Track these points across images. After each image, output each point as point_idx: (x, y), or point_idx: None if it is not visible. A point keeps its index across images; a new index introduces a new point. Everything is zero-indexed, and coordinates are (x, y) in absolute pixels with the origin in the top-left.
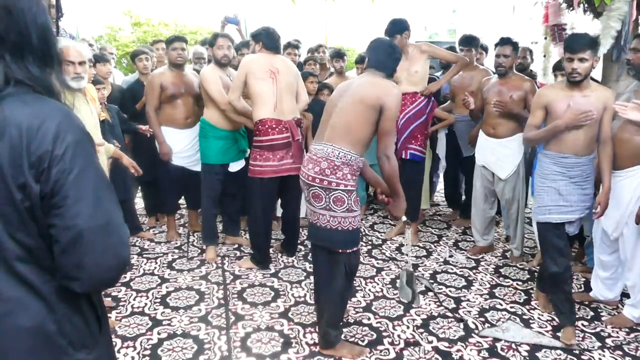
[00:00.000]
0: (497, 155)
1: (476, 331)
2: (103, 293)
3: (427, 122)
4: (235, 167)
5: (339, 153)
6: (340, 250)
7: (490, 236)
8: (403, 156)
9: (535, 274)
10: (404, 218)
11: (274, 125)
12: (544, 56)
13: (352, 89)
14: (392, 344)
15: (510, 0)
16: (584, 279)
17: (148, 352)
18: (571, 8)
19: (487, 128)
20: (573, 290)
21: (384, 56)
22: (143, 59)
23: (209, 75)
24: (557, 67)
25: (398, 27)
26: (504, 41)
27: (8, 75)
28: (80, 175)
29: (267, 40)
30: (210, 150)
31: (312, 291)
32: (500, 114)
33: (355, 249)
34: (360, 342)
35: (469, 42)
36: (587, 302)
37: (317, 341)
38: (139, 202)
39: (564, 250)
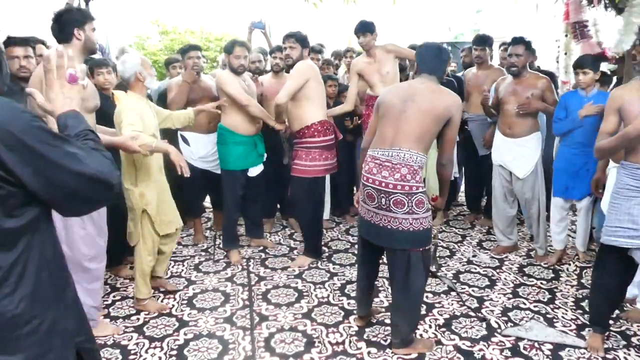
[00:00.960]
0: (514, 154)
1: (499, 330)
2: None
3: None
4: (254, 171)
5: (417, 158)
6: (421, 249)
7: (513, 235)
8: None
9: (560, 272)
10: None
11: (328, 127)
12: (565, 54)
13: (418, 96)
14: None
15: None
16: (552, 268)
17: (175, 352)
18: (592, 5)
19: (503, 128)
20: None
21: (435, 60)
22: (177, 67)
23: (226, 77)
24: (578, 65)
25: (367, 27)
26: (516, 40)
27: None
28: (37, 148)
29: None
30: (229, 156)
31: (335, 292)
32: (517, 113)
33: (428, 247)
34: (382, 342)
35: (482, 41)
36: None
37: (339, 341)
38: None
39: (622, 274)
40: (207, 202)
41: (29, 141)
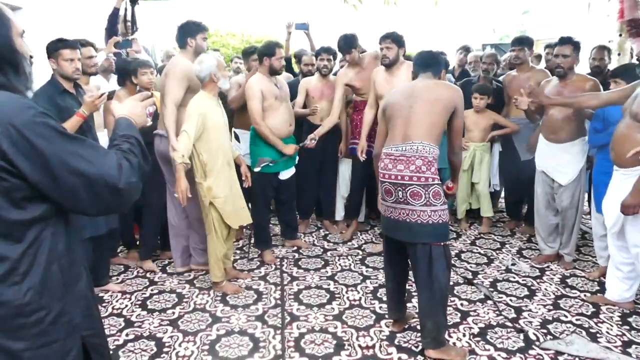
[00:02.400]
0: (557, 160)
1: (537, 343)
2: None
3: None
4: (286, 174)
5: (430, 150)
6: (442, 243)
7: (556, 244)
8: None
9: (605, 285)
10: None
11: None
12: (619, 54)
13: (422, 91)
14: None
15: None
16: (597, 281)
17: (207, 347)
18: None
19: (547, 133)
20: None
21: (430, 60)
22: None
23: (252, 92)
24: (612, 75)
25: (351, 42)
26: (564, 40)
27: None
28: (40, 145)
29: None
30: (261, 158)
31: (368, 295)
32: (562, 117)
33: (448, 242)
34: (414, 348)
35: (520, 41)
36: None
37: (369, 345)
38: None
39: None
40: None
41: (30, 136)
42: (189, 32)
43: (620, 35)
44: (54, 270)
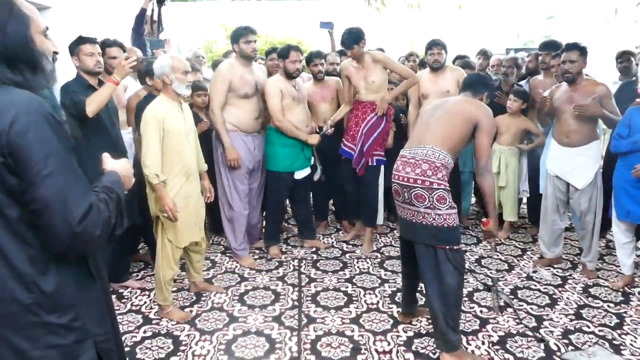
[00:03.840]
0: (572, 164)
1: (558, 353)
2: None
3: (387, 129)
4: (301, 174)
5: (439, 155)
6: (447, 247)
7: (558, 248)
8: (370, 163)
9: (630, 295)
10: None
11: None
12: None
13: (447, 104)
14: None
15: (612, 3)
16: (621, 291)
17: (223, 346)
18: None
19: (560, 137)
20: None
21: (474, 82)
22: None
23: (271, 89)
24: None
25: (355, 36)
26: (570, 46)
27: None
28: (36, 150)
29: None
30: (276, 157)
31: (386, 299)
32: (575, 121)
33: (457, 247)
34: (431, 355)
35: (547, 46)
36: None
37: (386, 350)
38: None
39: None
40: None
41: (32, 134)
42: (233, 38)
43: None
44: (69, 274)
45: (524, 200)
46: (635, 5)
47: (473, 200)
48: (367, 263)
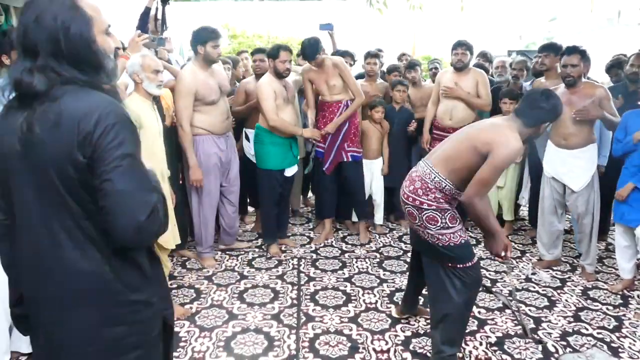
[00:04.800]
0: (568, 166)
1: (556, 355)
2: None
3: (355, 123)
4: (290, 172)
5: (434, 177)
6: (450, 265)
7: (557, 250)
8: (345, 159)
9: (629, 299)
10: (509, 254)
11: None
12: None
13: (475, 125)
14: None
15: (616, 5)
16: (620, 294)
17: (222, 343)
18: None
19: (558, 139)
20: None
21: (529, 104)
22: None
23: (265, 91)
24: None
25: (315, 47)
26: (571, 50)
27: (55, 79)
28: (114, 149)
29: None
30: (267, 155)
31: (384, 298)
32: (573, 124)
33: (463, 265)
34: (429, 354)
35: (546, 47)
36: None
37: (384, 349)
38: None
39: None
40: None
41: (114, 133)
42: (200, 39)
43: None
44: (142, 257)
45: (524, 203)
46: (638, 7)
47: None
48: (366, 263)
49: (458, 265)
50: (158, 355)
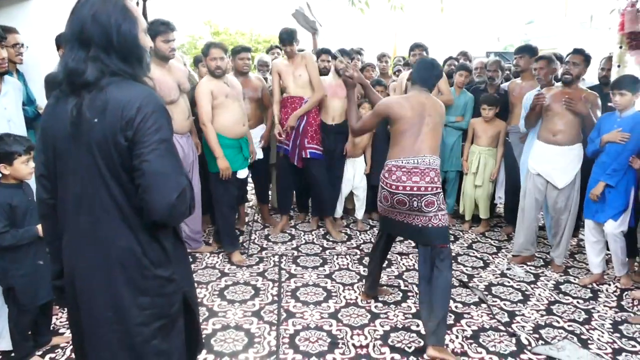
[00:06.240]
0: (554, 164)
1: (529, 347)
2: None
3: (316, 121)
4: (243, 173)
5: (437, 162)
6: (440, 245)
7: (533, 246)
8: (304, 155)
9: (599, 292)
10: None
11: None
12: (618, 66)
13: (431, 110)
14: None
15: (588, 10)
16: (589, 288)
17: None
18: None
19: (547, 135)
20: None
21: (427, 74)
22: (200, 67)
23: (199, 92)
24: (615, 86)
25: (293, 35)
26: (577, 50)
27: (104, 70)
28: (152, 134)
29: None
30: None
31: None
32: (563, 121)
33: (447, 244)
34: (407, 349)
35: (523, 49)
36: None
37: (363, 344)
38: None
39: None
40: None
41: (154, 119)
42: (149, 33)
43: (621, 47)
44: (167, 238)
45: (499, 202)
46: (609, 12)
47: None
48: (347, 259)
49: (446, 245)
50: (179, 329)
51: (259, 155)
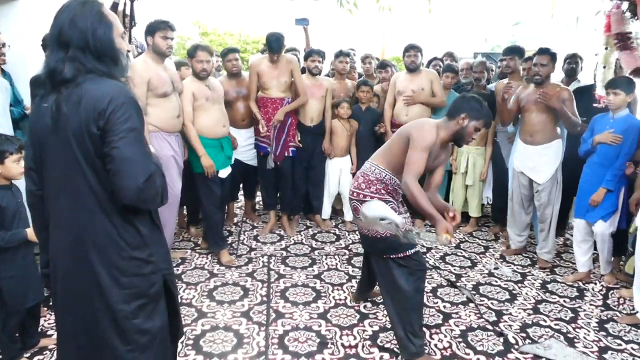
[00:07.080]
0: (535, 162)
1: (516, 346)
2: None
3: (295, 119)
4: (224, 173)
5: (374, 170)
6: (392, 256)
7: (524, 240)
8: (286, 154)
9: (585, 291)
10: (448, 238)
11: None
12: (604, 67)
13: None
14: (427, 353)
15: (574, 11)
16: (575, 286)
17: (191, 342)
18: (636, 17)
19: (525, 136)
20: (619, 313)
21: (453, 104)
22: (182, 69)
23: (185, 92)
24: (609, 85)
25: (282, 42)
26: (542, 51)
27: (81, 68)
28: (122, 123)
29: None
30: (199, 158)
31: (353, 294)
32: (539, 121)
33: (403, 254)
34: (396, 349)
35: (511, 51)
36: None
37: (352, 344)
38: None
39: None
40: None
41: (123, 110)
42: (149, 30)
43: (606, 48)
44: (143, 222)
45: (487, 202)
46: (594, 14)
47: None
48: (336, 260)
49: (399, 255)
50: (161, 311)
51: (250, 156)
